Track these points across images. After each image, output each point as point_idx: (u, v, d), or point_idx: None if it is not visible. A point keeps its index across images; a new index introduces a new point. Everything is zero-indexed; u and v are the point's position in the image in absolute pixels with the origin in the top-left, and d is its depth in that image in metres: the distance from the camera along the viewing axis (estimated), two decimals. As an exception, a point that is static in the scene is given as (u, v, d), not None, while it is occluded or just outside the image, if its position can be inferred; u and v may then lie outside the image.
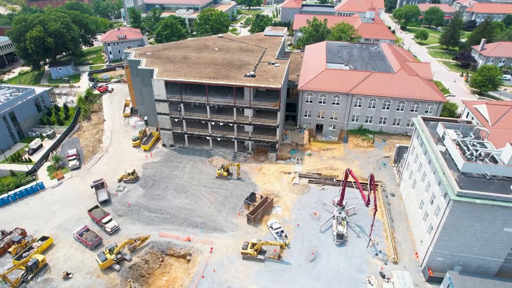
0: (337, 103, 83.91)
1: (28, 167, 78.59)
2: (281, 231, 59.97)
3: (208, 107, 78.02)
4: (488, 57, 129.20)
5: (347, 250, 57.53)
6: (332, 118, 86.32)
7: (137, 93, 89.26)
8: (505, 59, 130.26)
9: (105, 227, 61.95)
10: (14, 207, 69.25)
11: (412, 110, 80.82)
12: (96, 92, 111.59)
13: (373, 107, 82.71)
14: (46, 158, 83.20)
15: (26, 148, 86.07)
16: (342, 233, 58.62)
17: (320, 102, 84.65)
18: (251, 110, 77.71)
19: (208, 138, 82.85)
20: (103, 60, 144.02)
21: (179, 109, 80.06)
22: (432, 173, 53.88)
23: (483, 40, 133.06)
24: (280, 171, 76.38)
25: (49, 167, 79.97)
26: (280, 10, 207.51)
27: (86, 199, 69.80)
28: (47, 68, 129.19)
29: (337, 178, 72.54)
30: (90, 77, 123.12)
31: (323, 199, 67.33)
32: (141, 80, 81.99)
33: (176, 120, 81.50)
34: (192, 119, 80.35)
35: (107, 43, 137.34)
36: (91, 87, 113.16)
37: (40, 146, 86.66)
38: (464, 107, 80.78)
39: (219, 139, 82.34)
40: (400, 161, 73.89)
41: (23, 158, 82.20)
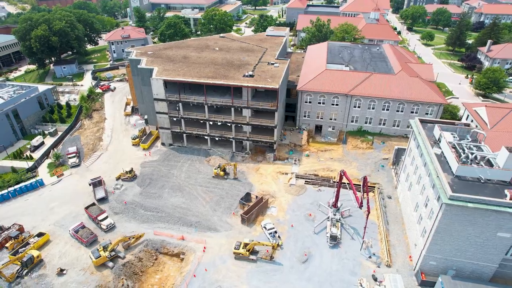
0: (337, 104, 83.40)
1: (29, 164, 79.74)
2: (275, 232, 59.85)
3: (207, 107, 78.24)
4: (494, 59, 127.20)
5: (341, 252, 57.17)
6: (331, 119, 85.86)
7: (138, 92, 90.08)
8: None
9: (101, 225, 62.58)
10: (14, 203, 70.34)
11: (412, 112, 79.89)
12: (99, 91, 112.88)
13: (373, 109, 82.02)
14: (47, 156, 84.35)
15: (28, 145, 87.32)
16: (336, 235, 58.28)
17: (319, 103, 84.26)
18: (249, 110, 77.75)
19: (207, 138, 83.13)
20: (107, 59, 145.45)
21: (178, 109, 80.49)
22: (427, 176, 53.26)
23: (489, 42, 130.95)
24: (277, 172, 76.22)
25: (50, 164, 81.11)
26: (286, 10, 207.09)
27: (84, 197, 70.58)
28: (52, 67, 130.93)
29: (334, 180, 72.17)
30: (94, 76, 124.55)
31: (319, 201, 67.01)
32: (141, 79, 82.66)
33: (175, 119, 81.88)
34: (191, 119, 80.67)
35: (111, 42, 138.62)
36: (94, 86, 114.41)
37: (42, 144, 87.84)
38: (464, 110, 79.72)
39: (217, 139, 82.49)
40: (398, 163, 73.19)
41: (25, 155, 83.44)
